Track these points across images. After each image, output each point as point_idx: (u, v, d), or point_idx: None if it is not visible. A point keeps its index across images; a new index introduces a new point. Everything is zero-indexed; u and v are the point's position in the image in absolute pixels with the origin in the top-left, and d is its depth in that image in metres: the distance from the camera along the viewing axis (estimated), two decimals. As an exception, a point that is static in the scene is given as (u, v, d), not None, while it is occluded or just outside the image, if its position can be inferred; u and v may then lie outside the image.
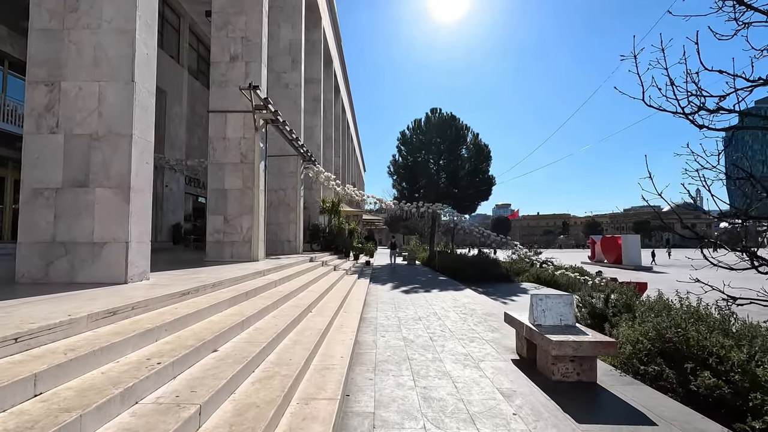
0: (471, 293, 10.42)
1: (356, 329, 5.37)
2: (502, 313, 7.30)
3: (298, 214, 14.14)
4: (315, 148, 19.17)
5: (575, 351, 3.58)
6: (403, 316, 6.97)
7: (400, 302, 8.59)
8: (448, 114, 26.07)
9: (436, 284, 12.62)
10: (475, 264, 16.47)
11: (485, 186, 25.40)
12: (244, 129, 9.55)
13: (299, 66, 14.86)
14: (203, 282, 4.73)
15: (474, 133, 25.88)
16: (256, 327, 4.09)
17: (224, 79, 9.60)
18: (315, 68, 20.08)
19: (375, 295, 9.73)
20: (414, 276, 15.63)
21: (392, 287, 11.47)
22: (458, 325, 6.20)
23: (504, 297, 11.00)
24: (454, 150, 25.61)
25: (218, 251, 9.41)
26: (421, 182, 25.80)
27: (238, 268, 7.06)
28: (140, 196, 4.75)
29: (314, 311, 5.76)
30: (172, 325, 3.21)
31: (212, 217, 9.50)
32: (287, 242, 14.01)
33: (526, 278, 16.24)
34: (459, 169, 25.39)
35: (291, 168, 14.30)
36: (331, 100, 25.06)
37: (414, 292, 10.29)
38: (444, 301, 8.86)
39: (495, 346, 4.99)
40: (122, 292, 3.80)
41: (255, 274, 6.40)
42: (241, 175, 9.50)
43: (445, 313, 7.29)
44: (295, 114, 14.61)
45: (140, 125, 4.75)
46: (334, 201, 17.72)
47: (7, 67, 13.02)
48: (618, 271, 22.21)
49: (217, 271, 6.37)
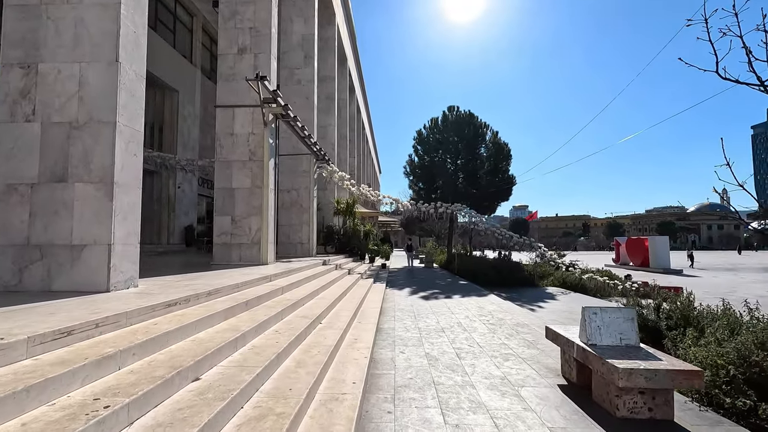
0: (496, 299, 9.63)
1: (372, 343, 4.69)
2: (533, 323, 6.53)
3: (311, 215, 13.58)
4: (329, 147, 18.61)
5: (648, 382, 2.82)
6: (424, 326, 6.26)
7: (419, 310, 7.88)
8: (465, 112, 25.27)
9: (457, 289, 11.86)
10: (497, 267, 15.63)
11: (505, 186, 24.48)
12: (253, 124, 9.01)
13: (312, 61, 14.32)
14: (197, 290, 4.13)
15: (493, 131, 25.00)
16: (253, 345, 3.45)
17: (232, 72, 9.09)
18: (329, 65, 19.55)
19: (392, 301, 9.04)
20: (432, 280, 14.89)
21: (410, 292, 10.76)
22: (487, 339, 5.46)
23: (531, 303, 10.19)
24: (472, 149, 24.78)
25: (225, 254, 8.87)
26: (438, 182, 25.05)
27: (243, 272, 6.47)
28: (126, 192, 4.18)
29: (325, 322, 5.11)
30: (144, 348, 2.59)
31: (219, 217, 8.98)
32: (300, 245, 13.46)
33: (551, 282, 15.33)
34: (478, 169, 24.55)
35: (304, 167, 13.76)
36: (345, 99, 24.52)
37: (434, 298, 9.56)
38: (468, 308, 8.11)
39: (535, 367, 4.24)
40: (94, 304, 3.21)
41: (260, 279, 5.80)
42: (249, 174, 8.95)
43: (470, 323, 6.55)
44: (308, 111, 14.07)
45: (126, 112, 4.18)
46: (348, 202, 17.13)
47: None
48: (646, 275, 21.02)
49: (219, 276, 5.78)
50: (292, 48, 14.31)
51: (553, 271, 16.12)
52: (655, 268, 25.82)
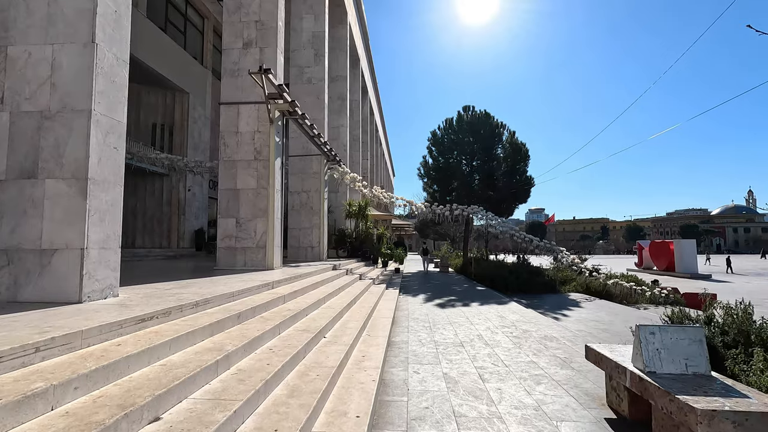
0: (517, 308, 8.94)
1: (382, 361, 4.11)
2: (562, 336, 5.86)
3: (322, 218, 13.08)
4: (341, 148, 18.17)
5: (737, 428, 2.17)
6: (440, 339, 5.65)
7: (435, 319, 7.26)
8: (481, 111, 24.53)
9: (475, 296, 11.19)
10: (516, 272, 14.90)
11: (523, 187, 23.62)
12: (258, 122, 8.55)
13: (322, 60, 13.88)
14: (182, 300, 3.62)
15: (510, 131, 24.19)
16: (239, 368, 2.91)
17: (236, 68, 8.66)
18: (340, 65, 19.14)
19: (405, 309, 8.44)
20: (448, 285, 14.22)
21: (425, 299, 10.14)
22: (513, 355, 4.82)
23: (554, 311, 9.49)
24: (488, 149, 24.01)
25: (229, 258, 8.41)
26: (453, 184, 24.32)
27: (244, 278, 5.97)
28: (105, 190, 3.71)
29: (329, 336, 4.55)
30: (92, 378, 2.07)
31: (223, 220, 8.53)
32: (310, 248, 12.97)
33: (573, 288, 14.53)
34: (494, 170, 23.76)
35: (314, 169, 13.29)
36: (358, 100, 24.09)
37: (451, 306, 8.93)
38: (488, 318, 7.45)
39: (573, 393, 3.59)
40: (52, 319, 2.71)
41: (261, 286, 5.28)
42: (254, 174, 8.49)
43: (492, 335, 5.91)
44: (318, 111, 13.62)
45: (104, 100, 3.71)
46: (360, 204, 16.60)
47: None
48: (673, 280, 19.97)
49: (215, 283, 5.28)
50: (302, 46, 13.91)
51: (576, 276, 15.31)
52: (681, 272, 24.65)
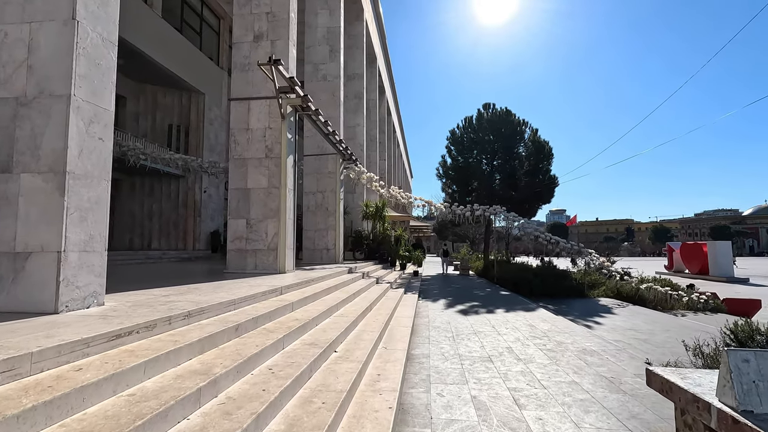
0: (547, 315, 8.27)
1: (400, 381, 3.57)
2: (603, 349, 5.20)
3: (338, 219, 12.64)
4: (358, 148, 17.73)
5: None
6: (465, 352, 5.07)
7: (458, 328, 6.67)
8: (502, 109, 23.73)
9: (499, 301, 10.53)
10: (541, 275, 14.13)
11: (547, 187, 22.72)
12: (270, 118, 8.15)
13: (338, 56, 13.46)
14: (173, 310, 3.17)
15: (532, 129, 23.32)
16: (227, 396, 2.42)
17: (247, 62, 8.28)
18: (357, 63, 18.72)
19: (425, 316, 7.87)
20: (470, 289, 13.56)
21: (446, 305, 9.54)
22: (550, 373, 4.20)
23: (585, 318, 8.78)
24: (510, 148, 23.19)
25: (240, 261, 8.02)
26: (473, 184, 23.59)
27: (251, 284, 5.53)
28: (87, 186, 3.29)
29: (341, 350, 4.03)
30: (26, 420, 1.60)
31: (233, 221, 8.15)
32: (325, 250, 12.54)
33: (602, 293, 13.69)
34: (516, 170, 22.93)
35: (329, 168, 12.87)
36: (375, 99, 23.64)
37: (474, 313, 8.31)
38: (516, 327, 6.82)
39: (632, 425, 2.98)
40: (10, 336, 2.28)
41: (268, 292, 4.81)
42: (266, 172, 8.08)
43: (523, 348, 5.29)
44: (333, 108, 13.21)
45: (87, 84, 3.30)
46: (378, 205, 16.11)
47: None
48: (708, 284, 18.77)
49: (218, 289, 4.84)
50: (316, 42, 13.53)
51: (605, 280, 14.46)
52: (716, 276, 23.30)
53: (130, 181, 15.65)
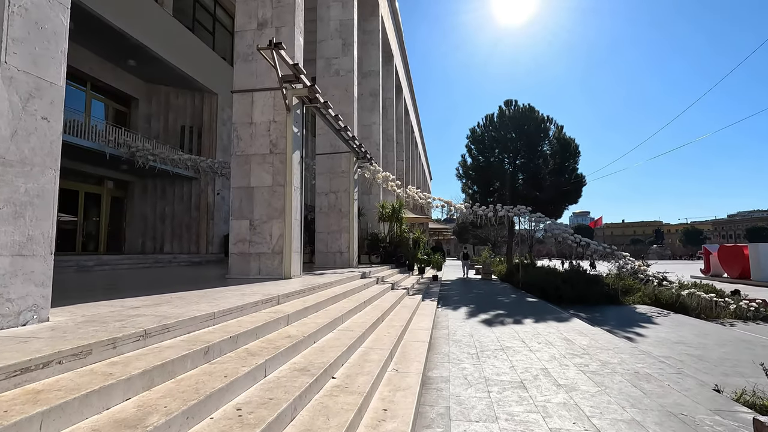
0: (583, 326, 7.35)
1: (412, 420, 2.81)
2: (658, 372, 4.32)
3: (351, 221, 11.96)
4: (374, 147, 17.06)
5: None
6: (492, 375, 4.26)
7: (483, 342, 5.85)
8: (525, 105, 22.68)
9: (527, 309, 9.62)
10: (570, 281, 13.11)
11: (574, 187, 21.53)
12: (274, 111, 7.54)
13: (351, 50, 12.83)
14: (128, 328, 2.52)
15: (557, 126, 22.18)
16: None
17: (250, 51, 7.70)
18: (372, 60, 18.09)
19: (445, 327, 7.07)
20: (494, 295, 12.66)
21: (468, 314, 8.71)
22: (601, 407, 3.37)
23: (624, 329, 7.87)
24: (533, 146, 22.11)
25: (243, 266, 7.41)
26: (495, 185, 22.61)
27: (244, 291, 4.87)
28: (23, 174, 2.67)
29: (340, 376, 3.31)
30: None
31: (236, 222, 7.56)
32: (338, 254, 11.88)
33: (638, 299, 12.60)
34: (540, 169, 21.84)
35: (343, 167, 12.22)
36: (392, 98, 22.97)
37: (500, 324, 7.46)
38: (550, 341, 5.96)
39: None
40: None
41: (261, 302, 4.15)
42: (270, 169, 7.47)
43: (562, 370, 4.45)
44: (347, 104, 12.57)
45: (24, 50, 2.69)
46: (394, 206, 15.36)
47: None
48: (752, 289, 17.20)
49: (203, 298, 4.20)
50: (329, 36, 12.95)
51: (641, 286, 13.33)
52: (759, 280, 21.54)
53: (142, 183, 15.39)
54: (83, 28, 11.87)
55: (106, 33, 12.07)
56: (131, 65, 14.22)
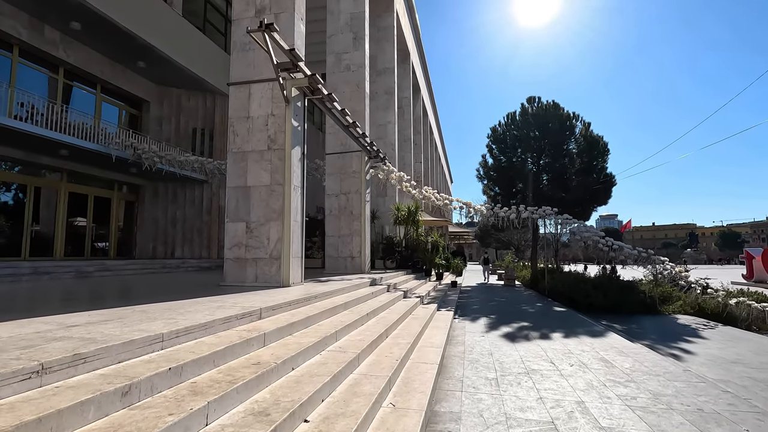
0: (621, 343, 6.39)
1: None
2: (729, 410, 3.42)
3: (363, 224, 11.26)
4: (389, 147, 16.38)
5: None
6: (515, 411, 3.44)
7: (504, 363, 5.01)
8: (549, 102, 21.51)
9: (555, 320, 8.67)
10: (601, 287, 12.04)
11: (602, 187, 20.21)
12: (273, 103, 6.94)
13: (362, 43, 12.20)
14: (17, 362, 1.86)
15: (584, 123, 20.90)
16: None
17: (248, 40, 7.13)
18: (387, 57, 17.44)
19: (461, 343, 6.24)
20: (517, 304, 11.70)
21: (488, 325, 7.84)
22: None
23: (667, 344, 6.92)
24: (558, 145, 20.90)
25: (238, 272, 6.80)
26: (517, 186, 21.50)
27: (223, 303, 4.21)
28: None
29: (316, 418, 2.57)
30: None
31: (231, 224, 6.97)
32: (350, 259, 11.20)
33: (679, 308, 11.46)
34: (566, 168, 20.61)
35: (354, 167, 11.56)
36: (408, 98, 22.25)
37: (524, 339, 6.56)
38: (584, 362, 5.06)
39: None
40: None
41: (235, 318, 3.48)
42: (268, 167, 6.85)
43: (603, 405, 3.58)
44: (358, 101, 11.93)
45: None
46: (410, 208, 14.59)
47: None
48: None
49: (168, 311, 3.55)
50: (339, 30, 12.35)
51: (681, 294, 12.14)
52: (814, 288, 19.67)
53: (152, 186, 15.14)
54: (93, 30, 11.68)
55: (115, 35, 11.85)
56: (142, 67, 14.00)
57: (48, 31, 11.46)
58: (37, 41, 11.20)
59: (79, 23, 11.37)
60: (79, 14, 10.97)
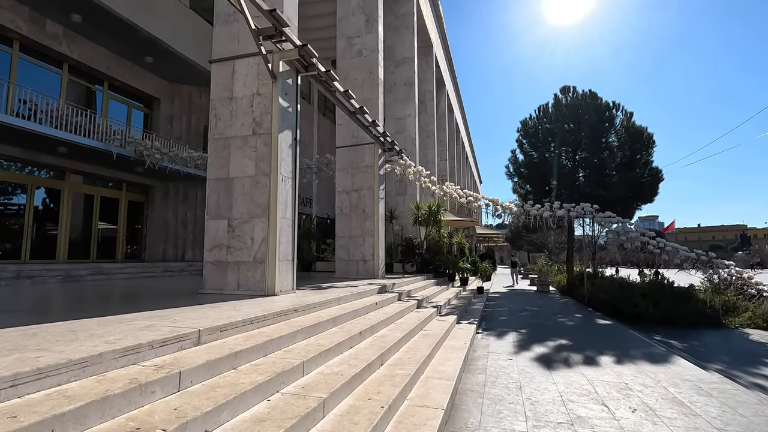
0: (693, 372, 4.95)
1: None
2: None
3: (376, 223, 10.15)
4: (409, 142, 15.24)
5: None
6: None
7: (538, 405, 3.73)
8: (585, 92, 19.72)
9: (600, 337, 7.23)
10: (652, 296, 10.40)
11: (647, 183, 18.25)
12: (258, 81, 5.95)
13: (375, 26, 11.13)
14: None
15: (626, 113, 19.00)
16: None
17: (231, 11, 6.19)
18: (407, 46, 16.31)
19: (482, 370, 4.97)
20: (553, 315, 10.24)
21: (518, 344, 6.52)
22: None
23: (748, 371, 5.42)
24: (596, 138, 19.08)
25: (218, 278, 5.83)
26: (551, 183, 19.84)
27: (163, 319, 3.18)
28: None
29: None
30: None
31: (212, 222, 6.01)
32: (362, 262, 10.11)
33: (748, 321, 9.69)
34: (605, 163, 18.78)
35: (366, 161, 10.49)
36: (431, 91, 21.01)
37: (563, 364, 5.23)
38: (650, 405, 3.72)
39: None
40: None
41: (147, 347, 2.44)
42: (253, 155, 5.86)
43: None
44: (370, 89, 10.87)
45: None
46: (431, 207, 13.36)
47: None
48: None
49: (79, 333, 2.53)
50: (350, 12, 11.34)
51: (749, 304, 10.36)
52: None
53: (163, 186, 14.59)
54: (98, 24, 11.19)
55: (121, 29, 11.33)
56: (151, 64, 13.48)
57: (50, 25, 11.03)
58: (37, 35, 10.77)
59: (80, 16, 10.87)
60: (81, 6, 10.47)
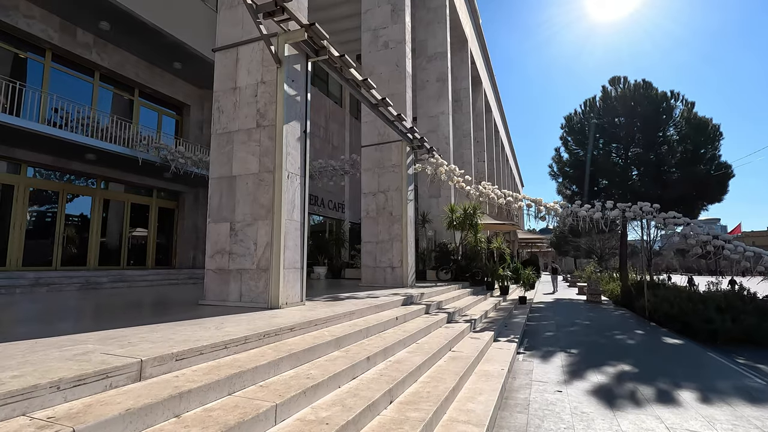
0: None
1: None
2: None
3: (405, 227, 9.32)
4: (442, 141, 14.33)
5: None
6: None
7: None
8: (638, 82, 17.91)
9: (672, 362, 5.98)
10: (729, 309, 8.83)
11: (715, 180, 16.19)
12: (263, 68, 5.32)
13: (402, 16, 10.38)
14: None
15: (686, 103, 17.06)
16: None
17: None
18: (439, 41, 15.44)
19: (523, 407, 3.98)
20: (608, 330, 8.92)
21: (568, 370, 5.42)
22: None
23: None
24: (652, 132, 17.24)
25: (220, 287, 5.22)
26: (600, 183, 18.17)
27: (120, 341, 2.52)
28: None
29: None
30: None
31: (214, 226, 5.43)
32: (390, 269, 9.31)
33: None
34: (663, 159, 16.90)
35: (393, 160, 9.71)
36: (467, 89, 19.94)
37: (630, 401, 4.12)
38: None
39: None
40: None
41: (48, 389, 1.73)
42: (257, 150, 5.23)
43: None
44: (397, 83, 10.11)
45: None
46: (467, 209, 12.34)
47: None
48: None
49: None
50: (375, 3, 10.66)
51: None
52: None
53: (193, 193, 14.51)
54: (128, 32, 11.23)
55: (149, 36, 11.33)
56: (180, 70, 13.46)
57: (80, 34, 11.14)
58: (69, 45, 10.89)
59: (108, 23, 10.91)
60: (110, 14, 10.50)
